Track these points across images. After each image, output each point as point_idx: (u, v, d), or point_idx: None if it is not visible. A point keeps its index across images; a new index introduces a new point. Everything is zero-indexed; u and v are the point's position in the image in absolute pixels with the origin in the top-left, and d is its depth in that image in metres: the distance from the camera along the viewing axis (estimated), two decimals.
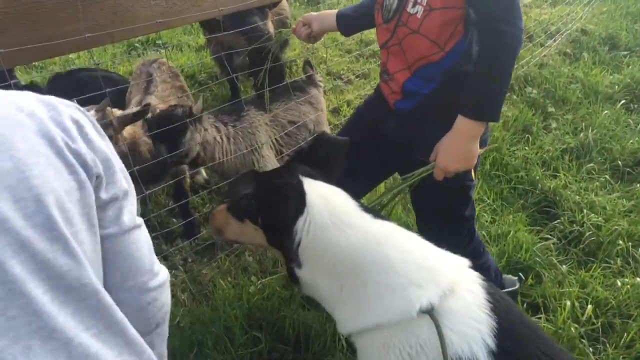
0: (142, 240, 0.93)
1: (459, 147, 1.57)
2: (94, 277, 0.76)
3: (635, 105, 4.13)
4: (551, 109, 4.05)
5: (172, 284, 2.41)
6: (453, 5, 1.53)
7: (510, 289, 2.15)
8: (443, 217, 1.89)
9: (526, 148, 3.51)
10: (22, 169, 0.70)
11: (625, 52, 5.06)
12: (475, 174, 1.77)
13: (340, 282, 1.24)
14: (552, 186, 3.11)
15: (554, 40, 5.28)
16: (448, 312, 1.17)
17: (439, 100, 1.69)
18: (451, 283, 1.20)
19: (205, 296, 2.35)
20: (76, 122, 0.82)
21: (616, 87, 4.35)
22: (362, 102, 2.09)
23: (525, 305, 2.30)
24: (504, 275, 2.17)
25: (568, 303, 2.25)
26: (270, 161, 2.70)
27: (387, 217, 1.35)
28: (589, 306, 2.26)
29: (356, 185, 2.05)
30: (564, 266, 2.52)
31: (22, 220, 0.68)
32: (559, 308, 2.28)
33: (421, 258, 1.23)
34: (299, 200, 1.26)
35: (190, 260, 2.59)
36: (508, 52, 1.47)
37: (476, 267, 1.96)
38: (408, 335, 1.17)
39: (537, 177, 3.19)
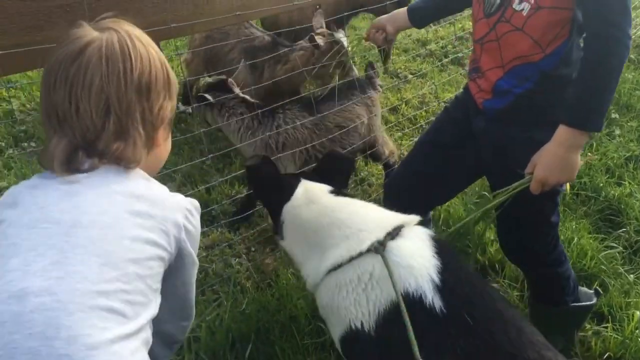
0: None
1: (559, 158, 1.51)
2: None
3: None
4: (614, 116, 3.95)
5: (237, 272, 2.47)
6: (564, 5, 1.50)
7: (587, 303, 2.09)
8: (530, 224, 1.85)
9: (589, 154, 3.44)
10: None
11: None
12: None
13: (307, 246, 1.50)
14: (616, 194, 3.04)
15: None
16: (396, 249, 1.32)
17: (531, 102, 1.65)
18: (398, 227, 1.38)
19: (268, 285, 2.41)
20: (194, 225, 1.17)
21: None
22: (451, 100, 2.08)
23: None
24: (580, 288, 2.12)
25: (637, 313, 2.21)
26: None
27: (350, 195, 1.61)
28: None
29: (444, 188, 2.06)
30: (631, 275, 2.46)
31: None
32: (625, 318, 2.24)
33: (369, 215, 1.46)
34: (288, 190, 1.57)
35: (253, 249, 2.65)
36: (616, 58, 1.43)
37: (557, 274, 1.96)
38: (362, 273, 1.32)
39: (601, 184, 3.12)
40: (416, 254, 1.30)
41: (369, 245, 1.33)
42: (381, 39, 2.14)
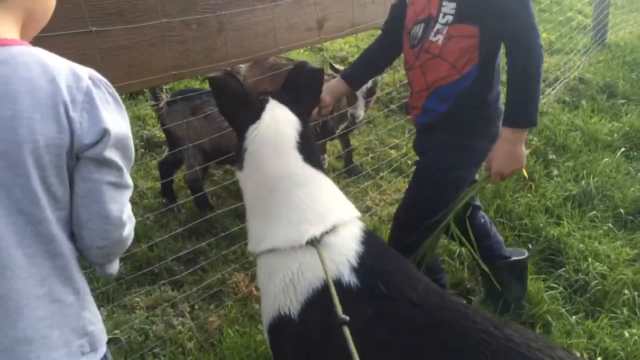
0: (114, 195, 1.04)
1: (508, 152, 1.86)
2: (47, 212, 0.95)
3: (635, 153, 4.19)
4: (552, 156, 4.11)
5: (179, 333, 2.40)
6: (469, 35, 1.86)
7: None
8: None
9: (529, 195, 3.55)
10: (16, 119, 0.89)
11: (623, 101, 5.15)
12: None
13: (261, 197, 1.50)
14: (555, 234, 3.12)
15: (553, 89, 5.39)
16: (327, 245, 1.42)
17: (453, 117, 1.99)
18: (335, 224, 1.46)
19: (212, 345, 2.34)
20: (88, 94, 0.96)
21: (615, 135, 4.42)
22: None
23: None
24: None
25: (577, 355, 2.24)
26: None
27: (322, 167, 1.61)
28: (598, 358, 2.25)
29: None
30: (573, 317, 2.51)
31: None
32: None
33: (320, 204, 1.48)
34: (255, 110, 1.54)
35: (197, 307, 2.59)
36: (534, 66, 1.78)
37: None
38: (292, 262, 1.41)
39: (541, 225, 3.21)
40: (343, 247, 1.43)
41: (306, 239, 1.41)
42: (315, 113, 2.08)
